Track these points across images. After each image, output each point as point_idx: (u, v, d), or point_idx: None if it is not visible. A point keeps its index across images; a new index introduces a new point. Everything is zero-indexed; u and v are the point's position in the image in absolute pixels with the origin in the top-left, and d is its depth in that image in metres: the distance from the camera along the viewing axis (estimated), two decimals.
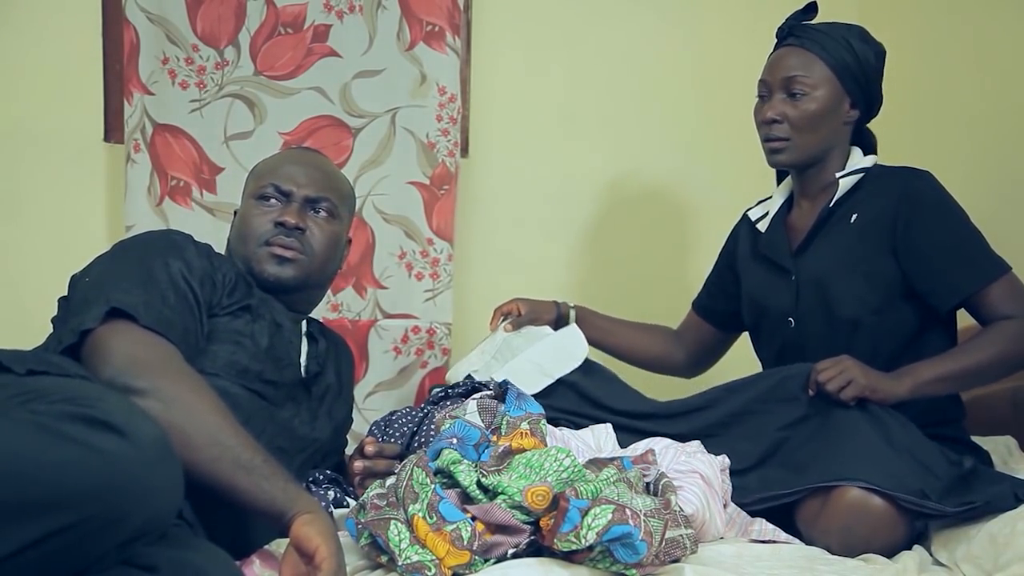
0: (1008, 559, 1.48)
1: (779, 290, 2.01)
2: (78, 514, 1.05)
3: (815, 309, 1.95)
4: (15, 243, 2.42)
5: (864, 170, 1.97)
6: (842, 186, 1.96)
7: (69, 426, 1.08)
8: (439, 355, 2.48)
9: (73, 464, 1.05)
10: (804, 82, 1.93)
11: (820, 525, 1.63)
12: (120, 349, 1.39)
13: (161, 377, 1.37)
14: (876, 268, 1.89)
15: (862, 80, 1.94)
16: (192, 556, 1.23)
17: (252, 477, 1.32)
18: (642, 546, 1.30)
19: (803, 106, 1.93)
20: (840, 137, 1.98)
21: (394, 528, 1.34)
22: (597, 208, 2.71)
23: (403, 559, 1.32)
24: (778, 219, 2.07)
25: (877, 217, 1.90)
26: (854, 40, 1.94)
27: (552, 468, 1.42)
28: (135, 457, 1.08)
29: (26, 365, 1.33)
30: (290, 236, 1.72)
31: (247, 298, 1.64)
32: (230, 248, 1.79)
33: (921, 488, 1.61)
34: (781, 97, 1.95)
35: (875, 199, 1.92)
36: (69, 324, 1.45)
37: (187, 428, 1.32)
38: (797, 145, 1.96)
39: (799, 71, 1.93)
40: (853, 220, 1.93)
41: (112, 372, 1.37)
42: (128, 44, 2.34)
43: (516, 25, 2.64)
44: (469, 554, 1.33)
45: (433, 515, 1.35)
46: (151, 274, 1.52)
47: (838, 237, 1.95)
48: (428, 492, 1.38)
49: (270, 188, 1.75)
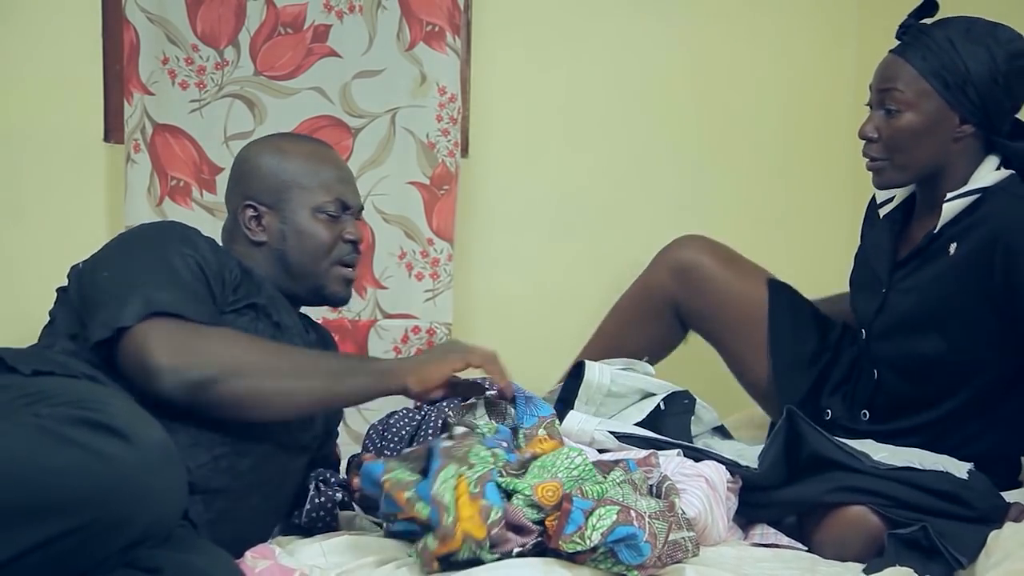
0: (997, 558, 1.48)
1: (868, 296, 1.88)
2: (82, 518, 1.06)
3: (893, 332, 1.82)
4: (15, 243, 2.41)
5: (983, 190, 1.73)
6: (946, 212, 1.75)
7: (73, 430, 1.08)
8: None
9: (77, 468, 1.06)
10: (898, 98, 1.74)
11: (816, 537, 1.62)
12: (166, 348, 1.40)
13: (215, 356, 1.42)
14: (969, 309, 1.72)
15: (972, 92, 1.71)
16: (195, 558, 1.23)
17: (345, 382, 1.49)
18: (646, 547, 1.31)
19: (896, 124, 1.75)
20: (954, 155, 1.76)
21: (452, 468, 1.34)
22: (597, 208, 2.70)
23: (438, 489, 1.31)
24: (894, 217, 1.89)
25: (974, 251, 1.71)
26: (967, 44, 1.71)
27: (563, 465, 1.42)
28: (139, 461, 1.09)
29: (31, 365, 1.33)
30: (358, 252, 1.76)
31: (253, 296, 1.61)
32: (285, 258, 1.72)
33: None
34: (879, 112, 1.78)
35: (976, 227, 1.71)
36: (98, 319, 1.44)
37: (268, 382, 1.44)
38: (895, 166, 1.78)
39: (894, 83, 1.75)
40: (952, 251, 1.74)
41: (170, 377, 1.39)
42: (128, 44, 2.34)
43: (516, 25, 2.63)
44: (485, 532, 1.32)
45: (479, 486, 1.34)
46: (175, 269, 1.51)
47: (934, 268, 1.76)
48: (486, 468, 1.37)
49: (336, 203, 1.72)
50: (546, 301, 2.68)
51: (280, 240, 1.70)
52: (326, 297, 1.74)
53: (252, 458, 1.49)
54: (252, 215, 1.71)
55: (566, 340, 2.70)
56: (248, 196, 1.72)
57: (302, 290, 1.72)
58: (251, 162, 1.76)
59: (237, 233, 1.72)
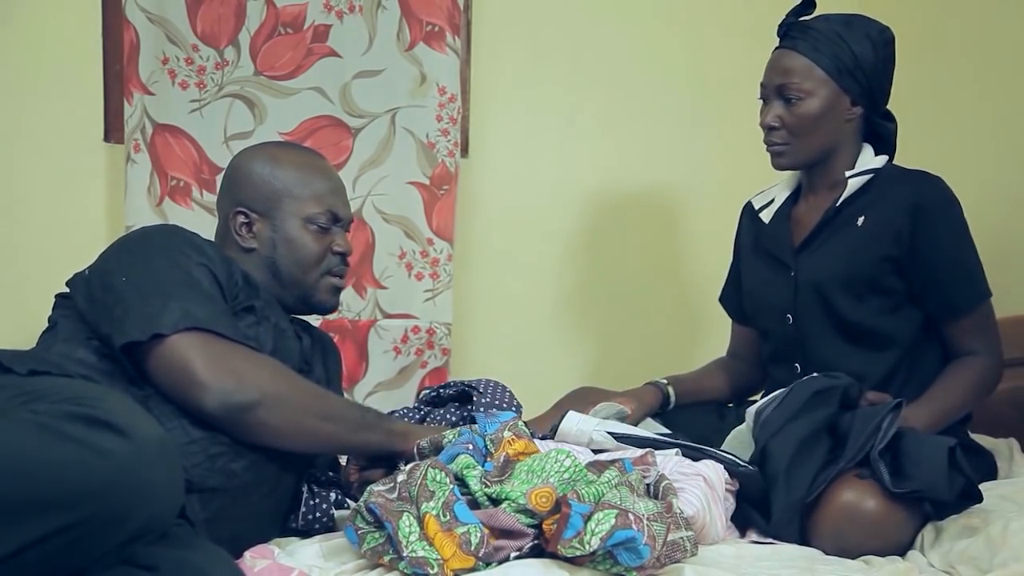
0: (1004, 558, 1.48)
1: (778, 285, 2.00)
2: (79, 514, 1.06)
3: (814, 308, 1.94)
4: (15, 243, 2.42)
5: (875, 171, 1.93)
6: (850, 186, 1.93)
7: (70, 426, 1.08)
8: (439, 355, 2.48)
9: (74, 464, 1.06)
10: (797, 87, 1.90)
11: (812, 528, 1.62)
12: (211, 368, 1.44)
13: (262, 382, 1.47)
14: (880, 274, 1.88)
15: (860, 77, 1.90)
16: (193, 556, 1.23)
17: (360, 434, 1.57)
18: (645, 550, 1.30)
19: (798, 111, 1.91)
20: (845, 135, 1.94)
21: (406, 519, 1.34)
22: (597, 208, 2.71)
23: (409, 551, 1.31)
24: (782, 212, 2.05)
25: (885, 223, 1.88)
26: (850, 35, 1.89)
27: (554, 469, 1.42)
28: (136, 457, 1.09)
29: (27, 365, 1.33)
30: (346, 264, 1.79)
31: (251, 299, 1.63)
32: (275, 266, 1.73)
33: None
34: (777, 102, 1.93)
35: (884, 204, 1.90)
36: (129, 321, 1.45)
37: (305, 418, 1.51)
38: (797, 149, 1.94)
39: (792, 76, 1.90)
40: (860, 223, 1.91)
41: (217, 397, 1.44)
42: (128, 44, 2.34)
43: (516, 25, 2.64)
44: (474, 560, 1.32)
45: (447, 513, 1.34)
46: (197, 280, 1.53)
47: (843, 238, 1.92)
48: (445, 491, 1.37)
49: (327, 214, 1.74)
50: (546, 301, 2.68)
51: (270, 248, 1.72)
52: (313, 306, 1.77)
53: (247, 459, 1.49)
54: (243, 221, 1.72)
55: (566, 340, 2.71)
56: (240, 202, 1.73)
57: (290, 298, 1.74)
58: (243, 169, 1.76)
59: (228, 239, 1.73)
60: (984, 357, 1.88)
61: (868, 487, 1.61)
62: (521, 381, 2.02)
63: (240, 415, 1.45)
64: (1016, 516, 1.57)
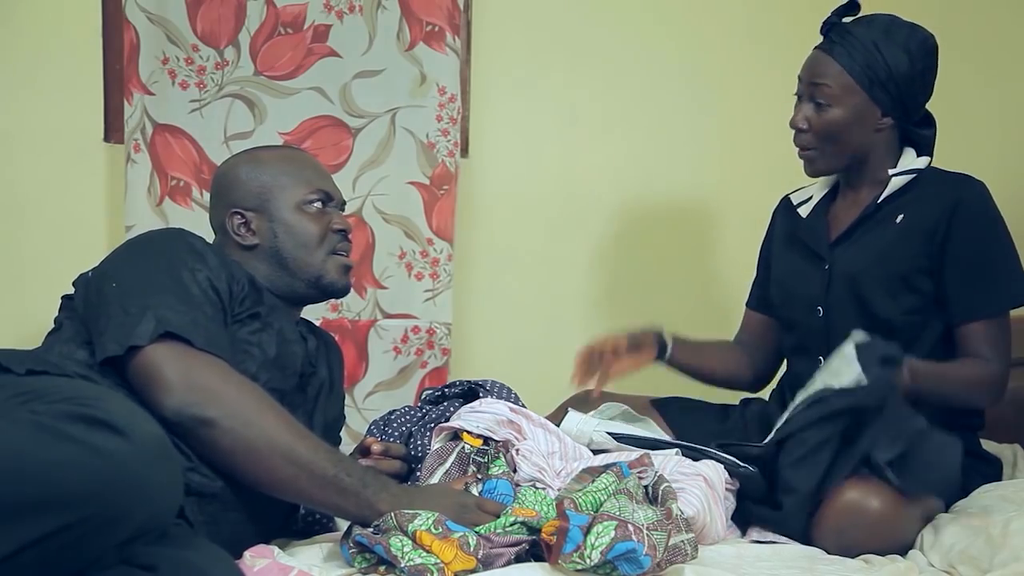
0: (1004, 558, 1.48)
1: (810, 278, 1.98)
2: (78, 513, 1.06)
3: (846, 302, 1.92)
4: (15, 243, 2.42)
5: (917, 171, 1.92)
6: (893, 184, 1.91)
7: (69, 425, 1.08)
8: (439, 355, 2.48)
9: (73, 463, 1.06)
10: (827, 92, 1.87)
11: (816, 525, 1.62)
12: (181, 376, 1.42)
13: (228, 402, 1.42)
14: (914, 272, 1.87)
15: (893, 88, 1.87)
16: (192, 555, 1.23)
17: (326, 492, 1.43)
18: (646, 560, 1.30)
19: (825, 116, 1.88)
20: (875, 143, 1.92)
21: (396, 539, 1.33)
22: (597, 208, 2.70)
23: (406, 561, 1.31)
24: (820, 207, 2.03)
25: (923, 222, 1.87)
26: (887, 45, 1.86)
27: (531, 500, 1.45)
28: (134, 456, 1.09)
29: (25, 365, 1.34)
30: (349, 241, 1.77)
31: (256, 305, 1.63)
32: (280, 255, 1.72)
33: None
34: (808, 104, 1.91)
35: (924, 204, 1.88)
36: (108, 334, 1.45)
37: (264, 450, 1.41)
38: (826, 155, 1.92)
39: (823, 79, 1.88)
40: (899, 220, 1.90)
41: (177, 403, 1.41)
42: (128, 44, 2.34)
43: (516, 25, 2.63)
44: (475, 560, 1.32)
45: (439, 527, 1.34)
46: (185, 286, 1.52)
47: (881, 234, 1.91)
48: (431, 515, 1.37)
49: (319, 194, 1.74)
50: (546, 301, 2.68)
51: (271, 238, 1.72)
52: (325, 288, 1.75)
53: None
54: (240, 221, 1.72)
55: (566, 340, 2.70)
56: (232, 205, 1.73)
57: (301, 285, 1.73)
58: (229, 175, 1.78)
59: (229, 243, 1.73)
60: (992, 364, 1.86)
61: (873, 486, 1.61)
62: (521, 381, 2.03)
63: (195, 427, 1.41)
64: (1016, 516, 1.57)
